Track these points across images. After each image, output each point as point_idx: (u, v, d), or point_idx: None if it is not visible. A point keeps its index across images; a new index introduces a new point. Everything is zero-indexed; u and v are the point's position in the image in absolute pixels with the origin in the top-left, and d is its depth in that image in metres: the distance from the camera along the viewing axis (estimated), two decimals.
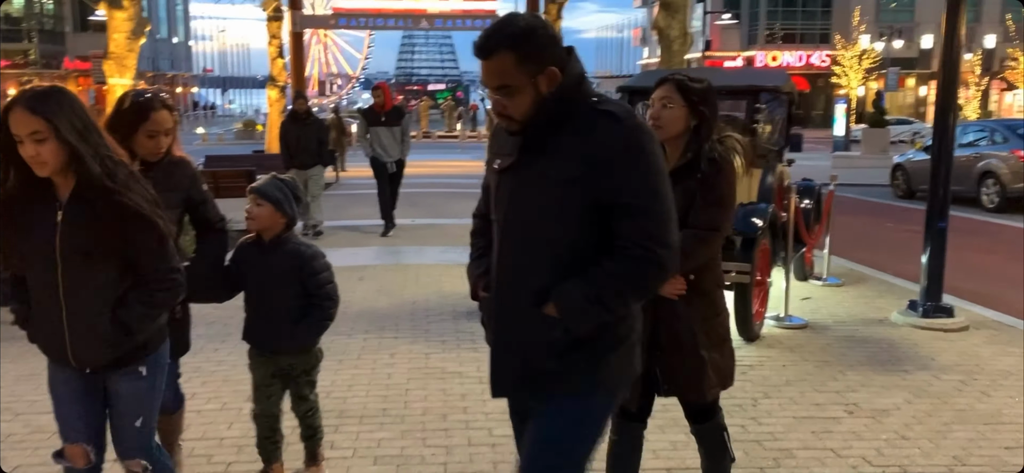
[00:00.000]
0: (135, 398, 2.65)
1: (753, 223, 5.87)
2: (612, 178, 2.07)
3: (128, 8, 9.60)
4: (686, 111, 2.81)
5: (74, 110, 2.39)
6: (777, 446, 4.06)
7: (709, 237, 2.82)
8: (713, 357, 2.90)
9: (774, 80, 7.29)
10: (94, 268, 2.48)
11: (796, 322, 6.29)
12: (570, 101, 2.12)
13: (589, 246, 2.13)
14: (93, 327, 2.49)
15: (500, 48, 2.08)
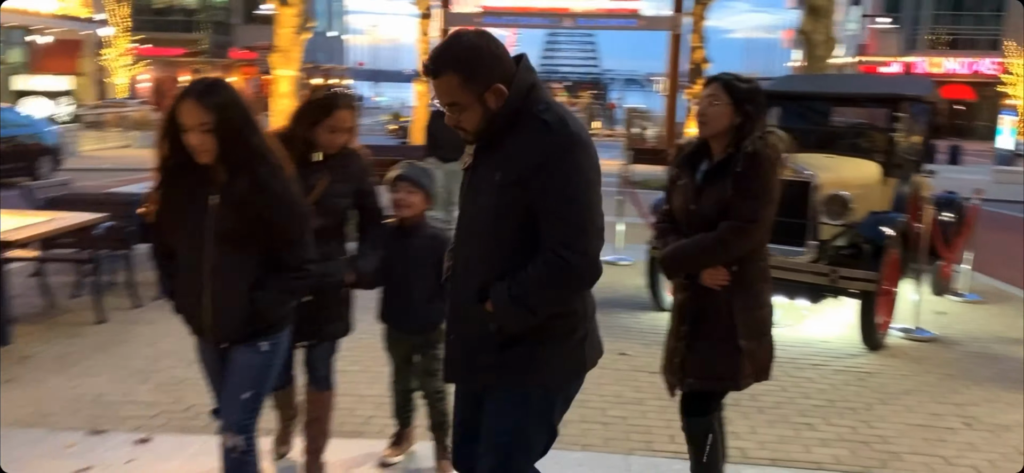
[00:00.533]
0: (249, 371, 2.71)
1: (881, 232, 5.86)
2: (538, 183, 2.15)
3: (295, 5, 10.42)
4: (731, 109, 2.91)
5: (238, 105, 2.55)
6: (886, 449, 4.13)
7: (747, 228, 2.87)
8: (751, 347, 2.96)
9: (917, 88, 7.16)
10: (238, 252, 2.62)
11: (924, 335, 6.20)
12: (516, 111, 2.19)
13: (527, 248, 2.19)
14: (231, 306, 2.63)
15: (445, 70, 2.17)
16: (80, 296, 6.55)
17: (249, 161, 2.56)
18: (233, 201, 2.56)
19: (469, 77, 2.16)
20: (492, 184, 2.21)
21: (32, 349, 5.28)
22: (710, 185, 2.94)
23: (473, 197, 2.31)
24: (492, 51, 2.19)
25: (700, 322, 2.99)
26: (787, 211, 6.15)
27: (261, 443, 2.85)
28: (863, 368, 5.44)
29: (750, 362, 2.96)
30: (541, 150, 2.16)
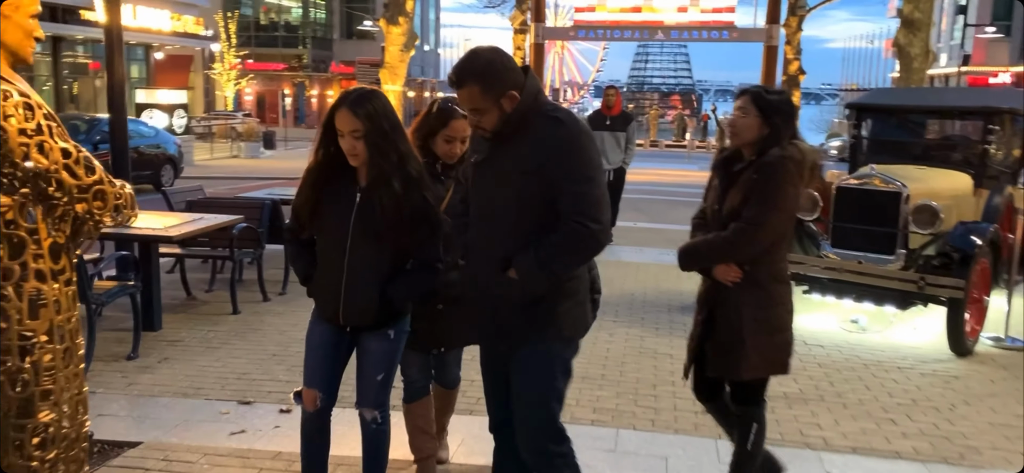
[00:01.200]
0: (382, 355, 3.03)
1: (971, 241, 6.00)
2: (557, 167, 2.56)
3: (402, 25, 11.08)
4: (759, 120, 3.14)
5: (386, 114, 2.82)
6: (965, 444, 4.34)
7: (752, 231, 3.08)
8: (759, 342, 3.16)
9: (1011, 101, 7.22)
10: (376, 246, 2.88)
11: (1015, 343, 6.28)
12: (527, 112, 2.60)
13: (542, 224, 2.60)
14: (366, 293, 2.90)
15: (467, 81, 2.58)
16: (212, 290, 7.27)
17: (394, 166, 2.81)
18: (377, 200, 2.81)
19: (487, 87, 2.57)
20: (512, 173, 2.62)
21: (179, 334, 5.96)
22: (733, 188, 3.19)
23: (491, 185, 2.71)
24: (505, 64, 2.62)
25: (715, 314, 3.26)
26: (877, 220, 6.40)
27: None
28: (949, 372, 5.60)
29: (756, 355, 3.17)
30: (557, 140, 2.59)
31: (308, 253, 3.08)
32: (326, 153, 2.90)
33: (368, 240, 2.88)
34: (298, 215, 3.05)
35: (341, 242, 2.90)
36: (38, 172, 2.05)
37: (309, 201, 2.96)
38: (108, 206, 2.20)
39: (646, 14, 24.94)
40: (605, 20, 25.05)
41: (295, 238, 3.12)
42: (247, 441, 4.09)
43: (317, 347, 3.06)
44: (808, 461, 4.05)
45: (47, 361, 2.15)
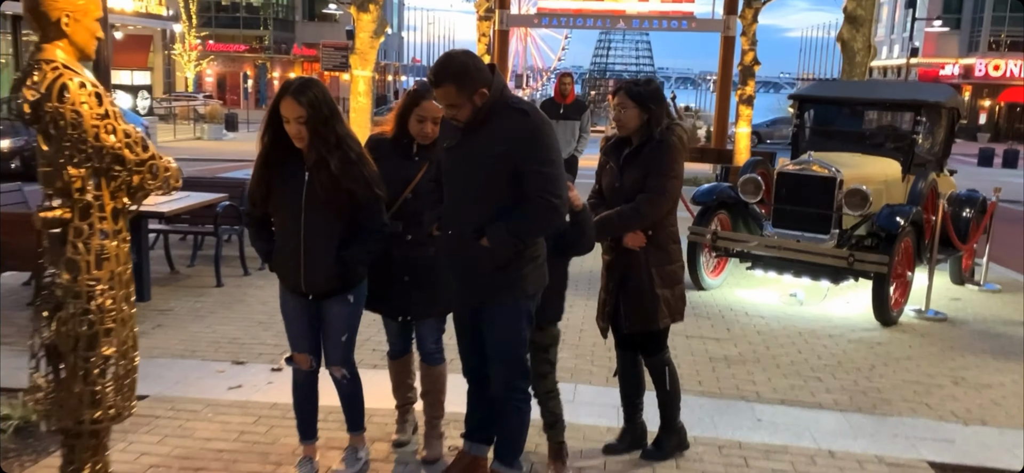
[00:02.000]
0: (343, 318, 3.35)
1: (895, 221, 6.63)
2: (523, 152, 3.02)
3: (372, 12, 11.46)
4: (637, 110, 3.65)
5: (325, 101, 3.11)
6: (879, 397, 4.96)
7: (657, 199, 3.62)
8: (665, 294, 3.72)
9: (937, 95, 7.89)
10: (327, 217, 3.18)
11: (935, 315, 6.96)
12: (494, 104, 3.07)
13: (508, 199, 3.07)
14: (323, 262, 3.21)
15: (444, 82, 3.02)
16: (194, 265, 7.67)
17: (332, 146, 3.11)
18: (323, 177, 3.12)
19: (461, 86, 3.01)
20: (483, 157, 3.06)
21: (168, 304, 6.37)
22: (629, 167, 3.72)
23: (464, 168, 3.15)
24: (476, 66, 3.07)
25: (626, 278, 3.75)
26: (814, 202, 7.02)
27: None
28: (874, 339, 6.24)
29: (665, 306, 3.73)
30: (523, 128, 3.06)
31: (266, 232, 3.38)
32: (272, 138, 3.19)
33: (319, 213, 3.19)
34: (252, 198, 3.33)
35: (296, 218, 3.21)
36: (105, 149, 2.50)
37: (262, 183, 3.25)
38: (158, 178, 2.66)
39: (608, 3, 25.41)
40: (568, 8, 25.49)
41: (253, 220, 3.43)
42: (244, 394, 4.55)
43: (294, 317, 3.39)
44: (741, 411, 4.63)
45: (108, 304, 2.61)
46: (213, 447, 3.88)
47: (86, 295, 2.56)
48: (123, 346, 2.68)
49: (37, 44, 2.53)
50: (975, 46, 50.09)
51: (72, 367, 2.59)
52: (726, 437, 4.23)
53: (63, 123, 2.44)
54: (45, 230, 2.61)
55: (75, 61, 2.54)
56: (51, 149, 2.49)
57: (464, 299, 3.37)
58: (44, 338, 2.67)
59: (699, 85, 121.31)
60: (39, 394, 2.67)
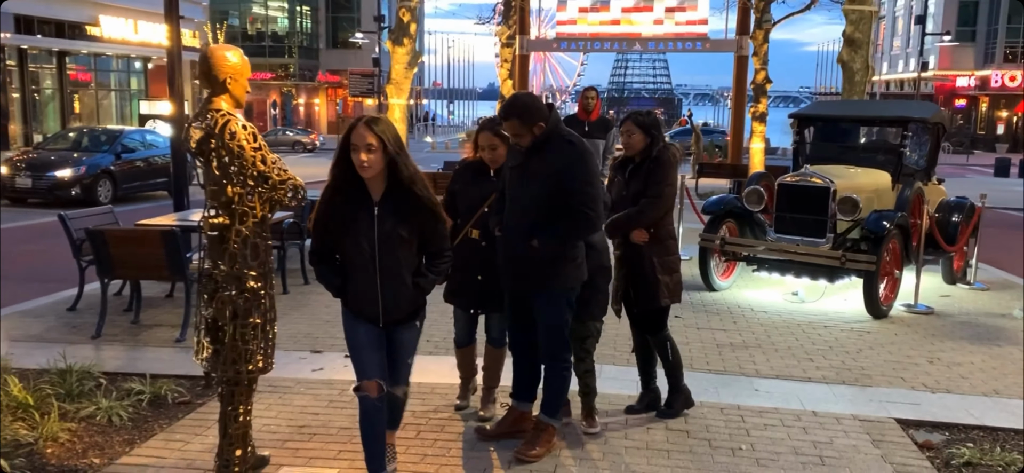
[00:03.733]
0: (412, 342, 3.59)
1: (882, 225, 7.47)
2: (569, 173, 3.91)
3: (407, 45, 12.46)
4: (642, 135, 4.62)
5: (394, 133, 3.35)
6: (862, 373, 5.79)
7: (656, 202, 4.54)
8: (664, 279, 4.61)
9: (922, 112, 8.73)
10: (401, 247, 3.35)
11: (922, 309, 7.77)
12: (550, 135, 3.97)
13: (556, 210, 3.93)
14: (401, 293, 3.42)
15: (510, 117, 3.96)
16: None
17: (408, 178, 3.32)
18: (391, 207, 3.32)
19: (523, 120, 3.96)
20: (539, 176, 3.95)
21: None
22: (633, 179, 4.66)
23: (525, 184, 3.99)
24: (536, 106, 4.02)
25: (634, 268, 4.65)
26: (811, 210, 7.88)
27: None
28: (864, 329, 7.07)
29: (665, 289, 4.62)
30: (570, 156, 3.96)
31: (333, 267, 3.50)
32: (343, 171, 3.33)
33: (392, 243, 3.34)
34: (319, 229, 3.46)
35: (370, 253, 3.35)
36: (260, 173, 3.44)
37: (331, 214, 3.38)
38: (294, 196, 3.58)
39: (624, 27, 26.37)
40: (585, 32, 26.48)
41: (320, 258, 3.53)
42: (326, 374, 5.48)
43: (365, 345, 3.47)
44: (742, 383, 5.50)
45: (257, 287, 3.54)
46: (309, 411, 4.81)
47: (241, 279, 3.49)
48: (266, 317, 3.60)
49: (208, 96, 3.48)
50: (991, 58, 50.48)
51: (231, 334, 3.52)
52: (727, 402, 5.10)
53: (229, 155, 3.38)
54: (207, 232, 3.55)
55: (234, 108, 3.49)
56: (218, 173, 3.42)
57: (516, 287, 4.23)
58: (205, 314, 3.60)
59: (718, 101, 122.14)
60: (206, 354, 3.60)
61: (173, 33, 8.34)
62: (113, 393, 4.86)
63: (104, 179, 16.04)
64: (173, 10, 8.26)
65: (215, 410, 4.66)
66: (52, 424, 4.29)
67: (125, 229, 6.78)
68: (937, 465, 4.28)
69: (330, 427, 4.58)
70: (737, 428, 4.70)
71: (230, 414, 3.63)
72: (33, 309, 7.20)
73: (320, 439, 4.43)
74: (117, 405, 4.68)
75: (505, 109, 4.02)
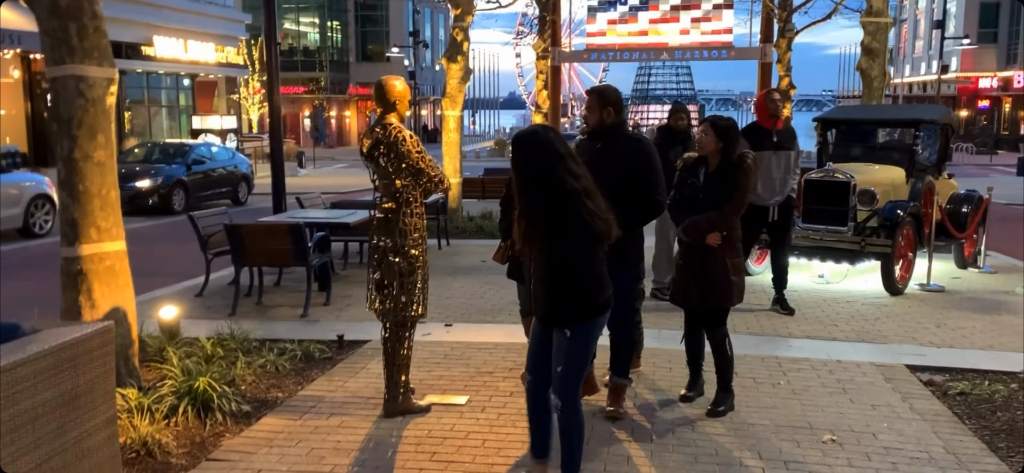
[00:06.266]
0: (557, 350, 3.65)
1: (896, 213, 8.56)
2: (638, 166, 4.56)
3: (460, 62, 13.67)
4: (715, 137, 4.78)
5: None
6: (878, 333, 6.89)
7: (735, 208, 4.75)
8: (736, 280, 4.84)
9: (932, 114, 9.82)
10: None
11: (934, 287, 8.85)
12: (614, 128, 4.60)
13: (628, 197, 4.46)
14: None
15: (592, 95, 4.66)
16: (347, 268, 9.87)
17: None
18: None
19: (602, 103, 4.65)
20: (613, 168, 4.46)
21: (344, 292, 8.53)
22: (711, 184, 4.84)
23: (601, 173, 4.05)
24: (613, 97, 4.70)
25: (704, 267, 4.84)
26: (834, 202, 8.98)
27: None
28: (881, 303, 8.16)
29: (734, 288, 4.87)
30: (639, 151, 4.65)
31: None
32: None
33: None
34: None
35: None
36: (420, 168, 4.64)
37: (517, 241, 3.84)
38: (441, 185, 4.77)
39: (652, 37, 27.56)
40: (614, 43, 27.68)
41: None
42: (433, 337, 6.67)
43: (532, 340, 3.87)
44: (778, 341, 6.63)
45: (416, 254, 4.74)
46: (429, 363, 6.00)
47: (406, 249, 4.70)
48: (423, 276, 4.81)
49: (381, 113, 4.70)
50: (1013, 59, 50.97)
51: (398, 289, 4.72)
52: (767, 354, 6.24)
53: (398, 157, 4.59)
54: (377, 216, 4.76)
55: (400, 122, 4.70)
56: (391, 170, 4.63)
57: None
58: (374, 277, 4.80)
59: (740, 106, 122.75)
60: (377, 305, 4.81)
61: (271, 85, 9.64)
62: (273, 351, 6.08)
63: (178, 189, 17.42)
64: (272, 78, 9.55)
65: (357, 362, 5.94)
66: (240, 368, 5.52)
67: (259, 223, 8.05)
68: (937, 395, 5.38)
69: (453, 371, 5.78)
70: (775, 371, 5.84)
71: (396, 349, 4.83)
72: (166, 295, 8.47)
73: (448, 379, 5.62)
74: (279, 358, 5.92)
75: (591, 91, 4.77)
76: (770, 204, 7.57)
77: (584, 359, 3.66)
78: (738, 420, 4.86)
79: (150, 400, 4.71)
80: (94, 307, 4.96)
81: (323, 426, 4.77)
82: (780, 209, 7.61)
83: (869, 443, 4.51)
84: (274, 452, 4.39)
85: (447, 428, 4.71)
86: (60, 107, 4.83)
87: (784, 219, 7.68)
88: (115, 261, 5.07)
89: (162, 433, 4.45)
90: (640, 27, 27.73)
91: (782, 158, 7.52)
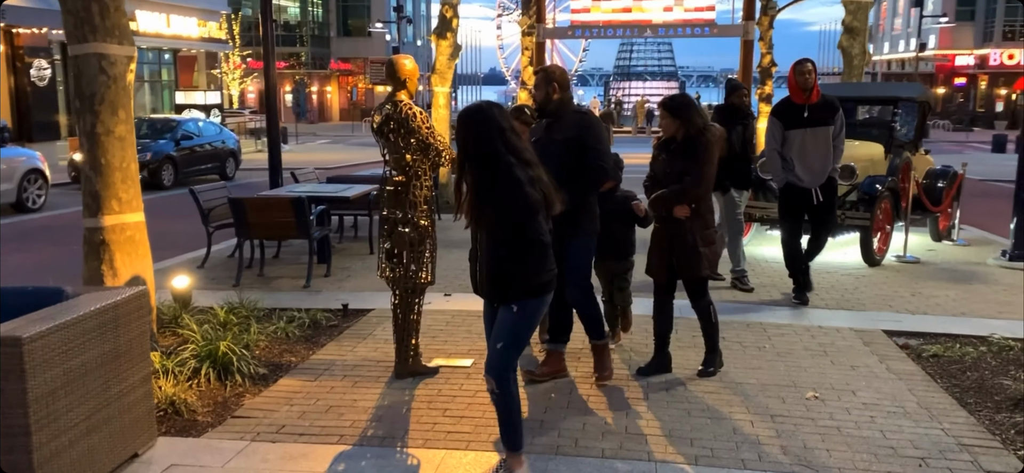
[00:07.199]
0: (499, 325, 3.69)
1: (875, 187, 8.92)
2: (583, 136, 4.72)
3: (449, 38, 13.86)
4: (671, 119, 4.98)
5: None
6: (857, 302, 7.25)
7: (699, 181, 4.88)
8: (705, 251, 4.98)
9: (910, 92, 10.18)
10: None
11: (910, 259, 9.23)
12: (562, 104, 4.84)
13: (578, 168, 4.69)
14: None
15: (540, 72, 4.92)
16: (342, 241, 10.11)
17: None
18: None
19: (547, 81, 4.87)
20: (558, 142, 4.69)
21: (343, 264, 8.79)
22: (675, 158, 4.99)
23: (551, 146, 4.58)
24: (558, 75, 4.92)
25: (675, 240, 5.03)
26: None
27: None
28: (860, 274, 8.53)
29: (706, 260, 5.03)
30: (583, 122, 4.84)
31: None
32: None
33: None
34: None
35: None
36: (429, 143, 4.90)
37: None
38: (449, 160, 5.03)
39: (636, 14, 27.78)
40: (599, 20, 27.89)
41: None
42: (434, 306, 6.94)
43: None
44: (763, 309, 6.96)
45: (425, 225, 5.00)
46: (432, 330, 6.28)
47: (416, 219, 4.96)
48: (431, 246, 5.08)
49: (392, 90, 4.94)
50: (990, 36, 51.65)
51: (407, 258, 4.99)
52: (753, 319, 6.58)
53: (408, 132, 4.85)
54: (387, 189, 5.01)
55: (409, 99, 4.95)
56: (402, 145, 4.88)
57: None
58: (385, 246, 5.07)
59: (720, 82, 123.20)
60: (388, 273, 5.08)
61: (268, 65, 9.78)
62: (283, 319, 6.34)
63: (167, 164, 17.52)
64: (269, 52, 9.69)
65: (363, 329, 6.23)
66: (254, 334, 5.78)
67: (263, 196, 8.27)
68: (911, 357, 5.74)
69: (455, 337, 6.07)
70: (760, 335, 6.19)
71: (407, 314, 5.11)
72: (169, 267, 8.68)
73: (452, 344, 5.92)
74: (288, 326, 6.18)
75: (538, 71, 5.08)
76: (811, 187, 6.95)
77: (522, 337, 3.69)
78: (727, 380, 5.19)
79: (173, 363, 4.96)
80: (116, 275, 5.20)
81: (338, 386, 5.06)
82: (822, 190, 6.99)
83: (849, 400, 4.85)
84: (295, 409, 4.67)
85: (456, 388, 5.01)
86: (82, 84, 5.04)
87: (828, 201, 7.06)
88: (135, 231, 5.31)
89: (187, 393, 4.71)
90: (624, 4, 27.91)
91: (820, 135, 6.87)
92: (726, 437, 4.31)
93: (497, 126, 3.60)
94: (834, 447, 4.19)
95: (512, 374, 3.71)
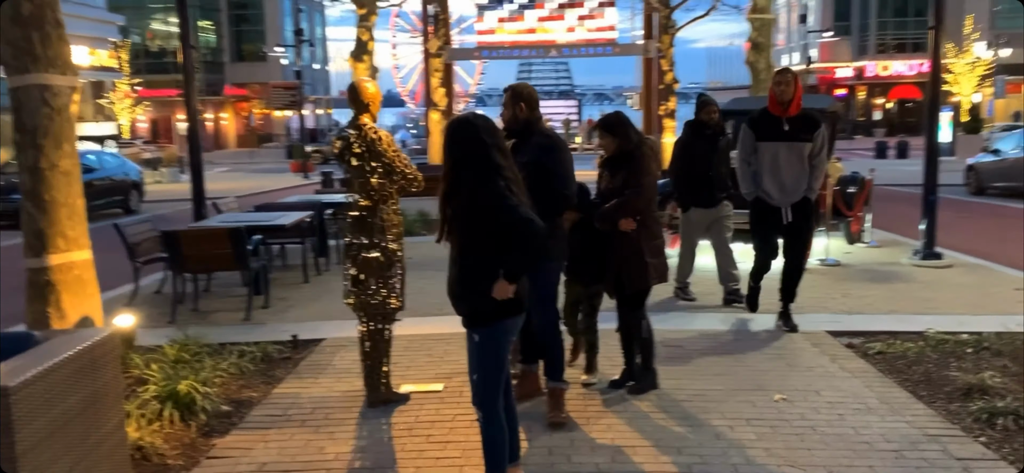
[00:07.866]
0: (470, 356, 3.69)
1: None
2: (547, 159, 4.53)
3: (366, 61, 13.82)
4: (610, 138, 5.05)
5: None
6: (794, 307, 7.51)
7: (636, 193, 4.90)
8: (653, 262, 5.01)
9: (821, 104, 10.69)
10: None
11: (831, 262, 9.67)
12: (528, 124, 4.65)
13: (542, 191, 4.23)
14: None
15: (508, 92, 4.71)
16: (272, 272, 9.83)
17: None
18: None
19: (515, 100, 4.70)
20: (525, 163, 4.19)
21: (280, 295, 8.55)
22: (615, 174, 5.04)
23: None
24: (526, 93, 4.75)
25: (618, 253, 5.01)
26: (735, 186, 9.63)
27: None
28: None
29: (654, 271, 5.06)
30: (547, 146, 4.66)
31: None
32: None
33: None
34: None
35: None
36: (395, 167, 4.84)
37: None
38: (414, 182, 4.98)
39: (540, 35, 28.23)
40: (504, 41, 28.18)
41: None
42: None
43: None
44: (704, 317, 7.15)
45: (395, 248, 4.94)
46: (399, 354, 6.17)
47: (382, 244, 4.89)
48: (399, 271, 5.01)
49: (355, 114, 4.87)
50: (865, 50, 54.80)
51: (376, 284, 4.91)
52: (705, 328, 6.76)
53: (373, 156, 4.78)
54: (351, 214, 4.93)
55: (372, 122, 4.89)
56: (364, 168, 4.79)
57: None
58: (351, 272, 4.98)
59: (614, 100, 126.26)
60: (352, 299, 4.98)
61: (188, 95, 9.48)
62: (234, 353, 6.11)
63: None
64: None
65: (319, 359, 6.13)
66: (209, 371, 5.55)
67: (197, 228, 7.97)
68: (858, 355, 6.01)
69: (417, 363, 5.99)
70: (714, 343, 6.36)
71: (377, 340, 5.02)
72: None
73: (416, 369, 5.84)
74: (241, 360, 5.96)
75: (508, 90, 4.81)
76: (780, 205, 6.50)
77: (494, 365, 3.61)
78: (695, 388, 5.31)
79: (134, 405, 4.72)
80: (63, 317, 4.92)
81: (310, 419, 4.91)
82: (794, 210, 6.47)
83: (815, 399, 5.04)
84: (272, 447, 4.51)
85: (433, 413, 4.94)
86: (24, 117, 4.77)
87: (800, 222, 6.55)
88: (83, 270, 5.05)
89: (153, 437, 4.49)
90: (528, 25, 28.36)
91: (794, 150, 6.39)
92: (710, 444, 4.41)
93: (479, 139, 3.55)
94: (813, 446, 4.35)
95: (495, 405, 3.62)
